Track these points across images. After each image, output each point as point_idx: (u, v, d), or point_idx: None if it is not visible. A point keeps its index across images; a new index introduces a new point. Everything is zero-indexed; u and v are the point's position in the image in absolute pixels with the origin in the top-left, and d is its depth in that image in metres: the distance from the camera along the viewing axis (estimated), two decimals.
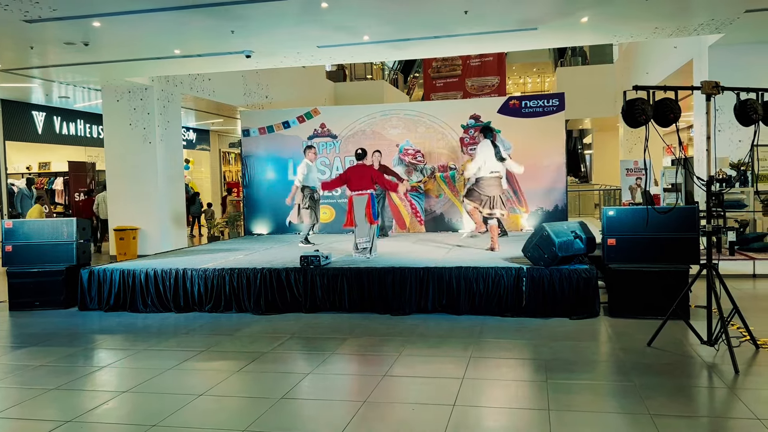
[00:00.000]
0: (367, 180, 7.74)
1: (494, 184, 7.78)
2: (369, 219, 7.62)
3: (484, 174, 7.71)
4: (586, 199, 18.58)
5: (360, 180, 7.74)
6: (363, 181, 7.73)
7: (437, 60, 19.29)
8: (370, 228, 7.66)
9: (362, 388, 4.36)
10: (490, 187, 7.76)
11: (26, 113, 13.89)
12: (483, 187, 7.76)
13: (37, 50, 8.87)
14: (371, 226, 7.66)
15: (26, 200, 13.11)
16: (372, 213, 7.61)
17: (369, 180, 7.75)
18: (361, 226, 7.65)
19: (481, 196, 7.77)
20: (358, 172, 7.82)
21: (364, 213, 7.61)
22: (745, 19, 8.10)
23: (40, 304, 7.43)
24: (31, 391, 4.43)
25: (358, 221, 7.66)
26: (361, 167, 7.89)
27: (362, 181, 7.73)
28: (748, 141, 8.85)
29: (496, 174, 7.78)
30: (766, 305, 6.46)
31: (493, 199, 7.76)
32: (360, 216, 7.64)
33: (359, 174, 7.79)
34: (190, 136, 19.24)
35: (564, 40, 10.22)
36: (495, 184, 7.79)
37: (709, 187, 4.74)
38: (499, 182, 7.86)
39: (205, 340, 5.76)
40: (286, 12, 7.44)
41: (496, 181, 7.79)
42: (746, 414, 3.63)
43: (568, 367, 4.62)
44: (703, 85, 4.68)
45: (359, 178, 7.76)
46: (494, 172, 7.75)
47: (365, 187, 7.71)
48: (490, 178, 7.74)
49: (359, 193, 7.70)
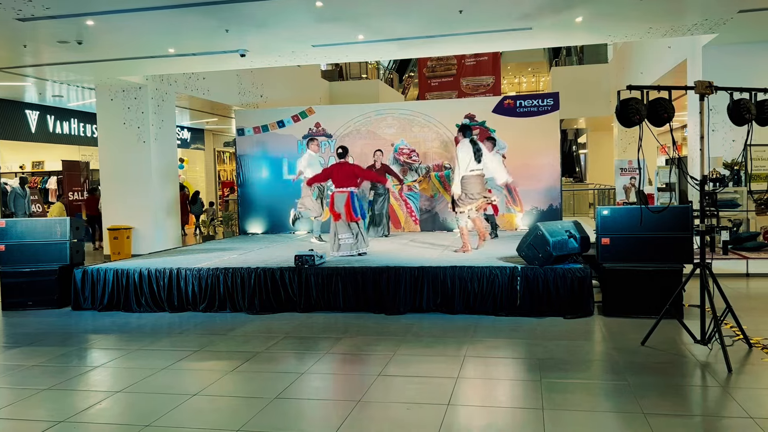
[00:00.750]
0: (350, 178, 7.77)
1: (476, 182, 7.69)
2: (348, 216, 7.66)
3: (465, 173, 7.64)
4: (580, 198, 18.62)
5: (342, 178, 7.78)
6: (346, 178, 7.77)
7: (432, 59, 19.29)
8: (351, 225, 7.70)
9: (357, 387, 4.36)
10: (472, 185, 7.66)
11: (19, 112, 13.83)
12: (465, 186, 7.66)
13: (31, 49, 8.83)
14: (354, 223, 7.70)
15: (19, 199, 13.05)
16: (352, 210, 7.64)
17: (352, 177, 7.78)
18: (341, 223, 7.70)
19: (467, 198, 7.67)
20: (341, 170, 7.86)
21: (343, 211, 7.65)
22: (739, 19, 8.13)
23: (33, 303, 7.39)
24: (23, 391, 4.41)
25: (339, 218, 7.73)
26: (343, 165, 7.93)
27: (345, 178, 7.77)
28: (742, 141, 8.88)
29: (477, 172, 7.69)
30: (759, 304, 6.49)
31: (478, 197, 7.69)
32: (341, 213, 7.71)
33: (342, 172, 7.83)
34: (184, 135, 19.19)
35: (559, 40, 10.24)
36: (477, 182, 7.70)
37: (702, 187, 4.76)
38: (481, 180, 7.76)
39: (199, 340, 5.75)
40: (281, 11, 7.42)
41: (477, 179, 7.70)
42: (739, 413, 3.64)
43: (562, 367, 4.63)
44: (697, 85, 4.69)
45: (342, 176, 7.80)
46: (474, 170, 7.66)
47: (348, 184, 7.75)
48: (471, 176, 7.65)
49: (340, 191, 7.76)
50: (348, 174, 7.80)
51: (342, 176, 7.80)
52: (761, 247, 8.71)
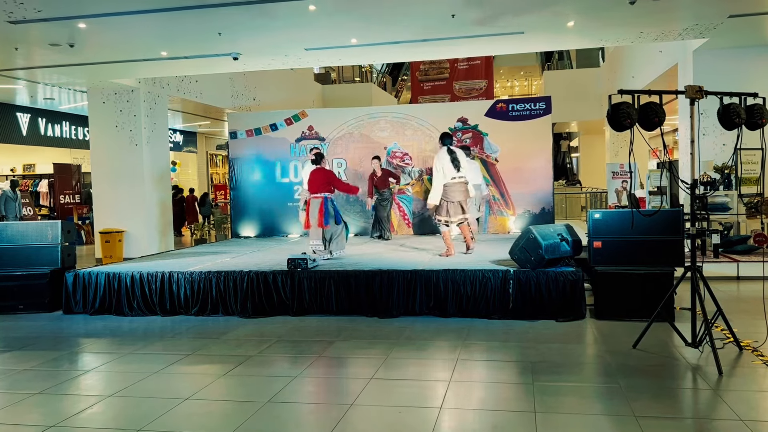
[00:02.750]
0: (321, 184, 7.81)
1: (458, 190, 7.54)
2: (319, 223, 7.73)
3: (446, 181, 7.50)
4: (572, 201, 18.69)
5: (315, 184, 7.84)
6: (318, 185, 7.81)
7: (425, 63, 19.35)
8: (322, 231, 7.76)
9: (349, 391, 4.36)
10: (453, 192, 7.52)
11: (10, 115, 13.76)
12: (447, 193, 7.52)
13: (22, 51, 8.79)
14: (323, 230, 7.76)
15: (10, 203, 12.98)
16: (323, 217, 7.67)
17: (324, 184, 7.82)
18: (313, 228, 7.79)
19: (447, 204, 7.52)
20: (315, 176, 7.91)
21: (316, 216, 7.71)
22: (729, 24, 8.20)
23: (24, 307, 7.35)
24: (14, 396, 4.38)
25: (312, 224, 7.79)
26: (318, 171, 7.95)
27: (318, 185, 7.82)
28: (732, 144, 8.94)
29: (460, 179, 7.54)
30: (750, 307, 6.53)
31: (458, 205, 7.54)
32: (313, 219, 7.76)
33: (315, 178, 7.88)
34: (177, 138, 19.15)
35: (551, 44, 10.29)
36: (459, 190, 7.55)
37: (693, 190, 4.79)
38: (465, 188, 7.59)
39: (192, 344, 5.73)
40: (274, 14, 7.43)
41: (461, 186, 7.55)
42: (730, 415, 3.66)
43: (554, 369, 4.65)
44: (687, 90, 4.72)
45: (315, 182, 7.85)
46: (456, 177, 7.50)
47: (320, 190, 7.79)
48: (453, 183, 7.50)
49: (314, 197, 7.82)
50: (321, 180, 7.83)
51: (315, 183, 7.84)
52: (751, 250, 8.76)
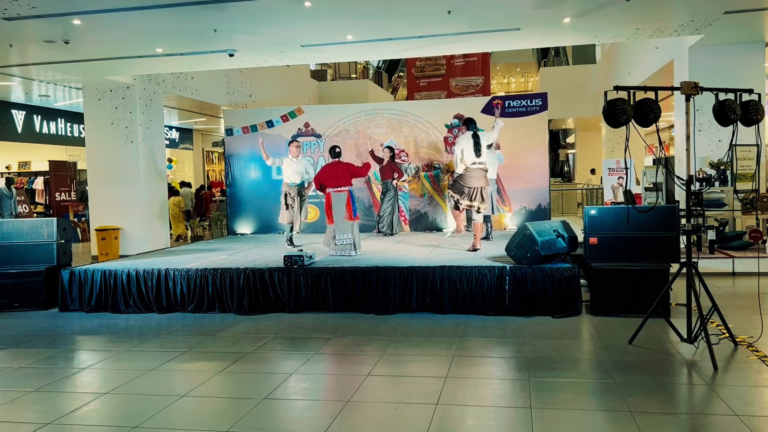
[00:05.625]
0: (345, 177, 7.77)
1: (477, 176, 7.69)
2: (349, 216, 7.65)
3: (468, 165, 7.67)
4: (568, 198, 18.72)
5: (338, 177, 7.78)
6: (341, 178, 7.77)
7: (421, 59, 19.31)
8: (352, 225, 7.69)
9: (345, 387, 4.36)
10: (472, 178, 7.68)
11: (5, 112, 13.71)
12: (466, 178, 7.70)
13: (17, 48, 8.74)
14: (353, 223, 7.70)
15: (5, 200, 12.93)
16: (352, 210, 7.64)
17: (347, 176, 7.79)
18: (339, 222, 7.69)
19: (464, 188, 7.71)
20: (335, 169, 7.86)
21: (344, 210, 7.64)
22: (724, 20, 8.21)
23: (19, 305, 7.33)
24: (10, 393, 4.37)
25: (337, 218, 7.70)
26: (337, 164, 7.93)
27: (340, 178, 7.77)
28: (728, 141, 8.97)
29: (480, 166, 7.70)
30: (745, 303, 6.55)
31: (475, 191, 7.68)
32: (339, 213, 7.67)
33: (336, 171, 7.83)
34: (173, 135, 19.10)
35: (547, 41, 10.27)
36: (478, 176, 7.69)
37: (688, 187, 4.80)
38: (484, 174, 7.74)
39: (188, 341, 5.73)
40: (270, 11, 7.40)
41: (479, 173, 7.69)
42: (725, 410, 3.68)
43: (550, 366, 4.66)
44: (683, 86, 4.73)
45: (337, 175, 7.80)
46: (477, 163, 7.67)
47: (344, 183, 7.76)
48: (473, 169, 7.67)
49: (337, 190, 7.75)
50: (344, 172, 7.82)
51: (337, 176, 7.79)
52: (747, 246, 8.79)
